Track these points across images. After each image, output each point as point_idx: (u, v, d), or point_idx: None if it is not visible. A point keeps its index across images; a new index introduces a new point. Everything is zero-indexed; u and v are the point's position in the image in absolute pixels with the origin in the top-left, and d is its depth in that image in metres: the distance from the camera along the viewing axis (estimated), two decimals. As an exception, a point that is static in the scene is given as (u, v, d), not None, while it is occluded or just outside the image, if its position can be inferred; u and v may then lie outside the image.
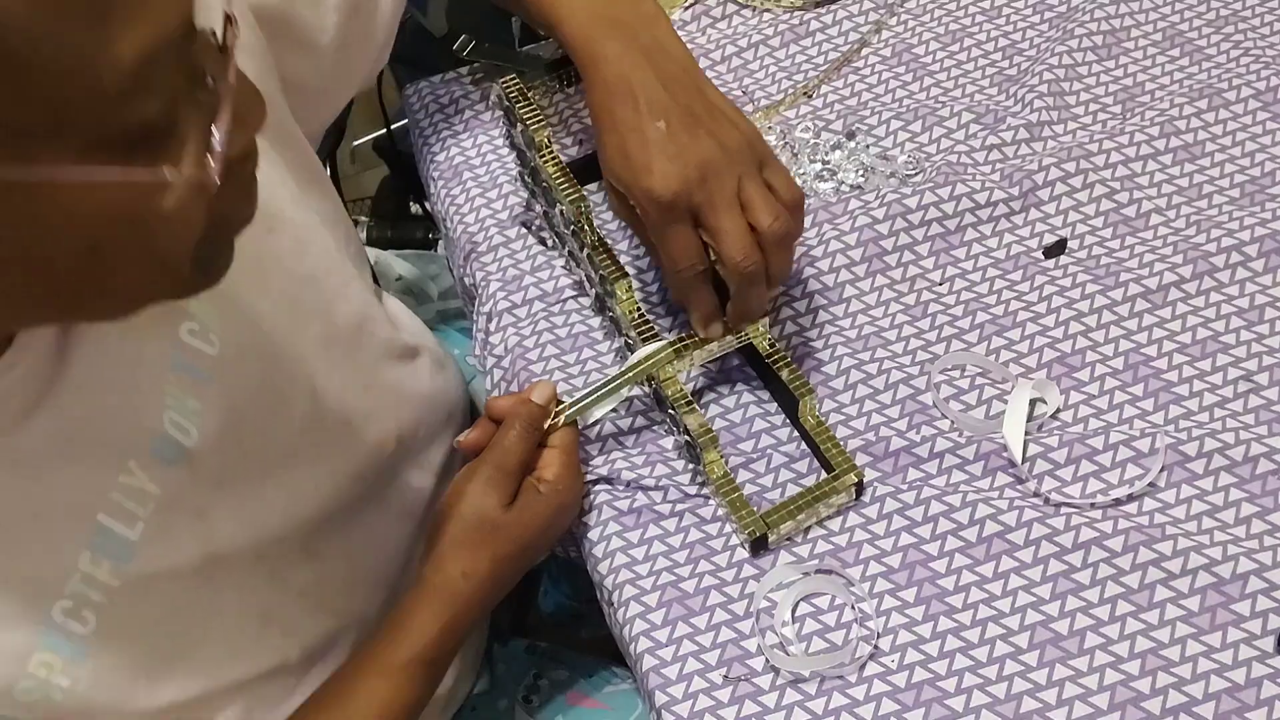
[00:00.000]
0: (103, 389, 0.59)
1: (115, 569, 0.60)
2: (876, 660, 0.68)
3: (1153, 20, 0.95)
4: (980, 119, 0.90)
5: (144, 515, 0.62)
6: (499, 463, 0.72)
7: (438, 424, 0.86)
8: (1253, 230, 0.81)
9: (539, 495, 0.72)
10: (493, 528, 0.70)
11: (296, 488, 0.72)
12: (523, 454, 0.72)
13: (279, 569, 0.71)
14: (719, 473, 0.74)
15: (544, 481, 0.73)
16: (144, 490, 0.62)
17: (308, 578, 0.73)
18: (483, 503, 0.71)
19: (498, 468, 0.71)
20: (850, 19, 0.99)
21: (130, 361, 0.61)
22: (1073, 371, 0.77)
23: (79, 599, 0.59)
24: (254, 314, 0.69)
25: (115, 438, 0.61)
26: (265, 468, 0.69)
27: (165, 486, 0.63)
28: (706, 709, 0.67)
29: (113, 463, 0.60)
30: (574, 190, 0.79)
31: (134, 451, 0.61)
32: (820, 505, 0.72)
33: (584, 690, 0.89)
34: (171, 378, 0.63)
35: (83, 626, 0.59)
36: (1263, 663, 0.65)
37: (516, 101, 0.82)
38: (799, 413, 0.75)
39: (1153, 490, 0.72)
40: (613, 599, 0.73)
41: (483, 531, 0.70)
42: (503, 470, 0.71)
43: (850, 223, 0.85)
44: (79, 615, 0.59)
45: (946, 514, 0.72)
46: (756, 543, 0.72)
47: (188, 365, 0.64)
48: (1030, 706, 0.65)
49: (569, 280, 0.87)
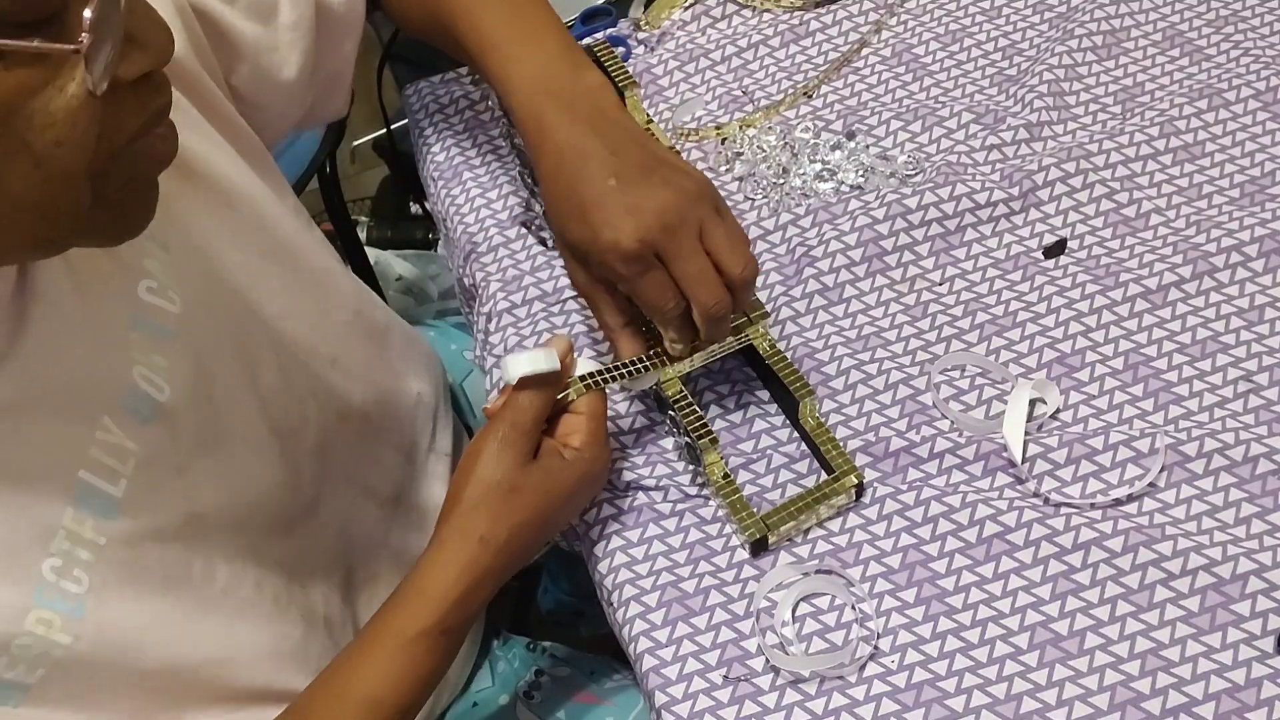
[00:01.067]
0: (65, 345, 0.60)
1: (99, 526, 0.61)
2: (876, 660, 0.68)
3: (1153, 20, 0.95)
4: (980, 119, 0.90)
5: (126, 472, 0.62)
6: (513, 420, 0.69)
7: (407, 404, 0.87)
8: (1253, 230, 0.81)
9: (563, 461, 0.70)
10: (511, 489, 0.68)
11: (267, 455, 0.72)
12: (538, 410, 0.70)
13: (257, 541, 0.71)
14: (719, 474, 0.74)
15: (569, 448, 0.71)
16: (123, 447, 0.62)
17: (284, 551, 0.74)
18: (499, 462, 0.68)
19: (512, 425, 0.69)
20: (850, 19, 0.99)
21: (89, 319, 0.62)
22: (1072, 371, 0.77)
23: (67, 557, 0.59)
24: (217, 276, 0.70)
25: (85, 393, 0.61)
26: (239, 430, 0.70)
27: (144, 444, 0.63)
28: (706, 709, 0.67)
29: (87, 418, 0.61)
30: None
31: (106, 407, 0.62)
32: (820, 506, 0.72)
33: (585, 687, 0.89)
34: (134, 336, 0.64)
35: (77, 586, 0.60)
36: (1263, 663, 0.65)
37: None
38: (799, 414, 0.75)
39: (1153, 490, 0.72)
40: (613, 599, 0.73)
41: (501, 493, 0.68)
42: (517, 428, 0.69)
43: (850, 223, 0.85)
44: (70, 574, 0.59)
45: (946, 514, 0.72)
46: (756, 544, 0.72)
47: (149, 323, 0.65)
48: (1030, 707, 0.65)
49: (569, 280, 0.87)
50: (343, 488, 0.81)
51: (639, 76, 0.98)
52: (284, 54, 0.79)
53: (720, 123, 0.94)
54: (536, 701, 0.89)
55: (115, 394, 0.62)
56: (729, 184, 0.91)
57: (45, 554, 0.59)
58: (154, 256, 0.66)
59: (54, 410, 0.59)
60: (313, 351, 0.78)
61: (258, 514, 0.72)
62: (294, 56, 0.79)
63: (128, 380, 0.63)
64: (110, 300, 0.63)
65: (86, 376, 0.61)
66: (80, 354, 0.61)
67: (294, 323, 0.76)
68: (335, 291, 0.82)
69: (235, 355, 0.71)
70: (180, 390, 0.66)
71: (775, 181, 0.89)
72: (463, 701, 0.90)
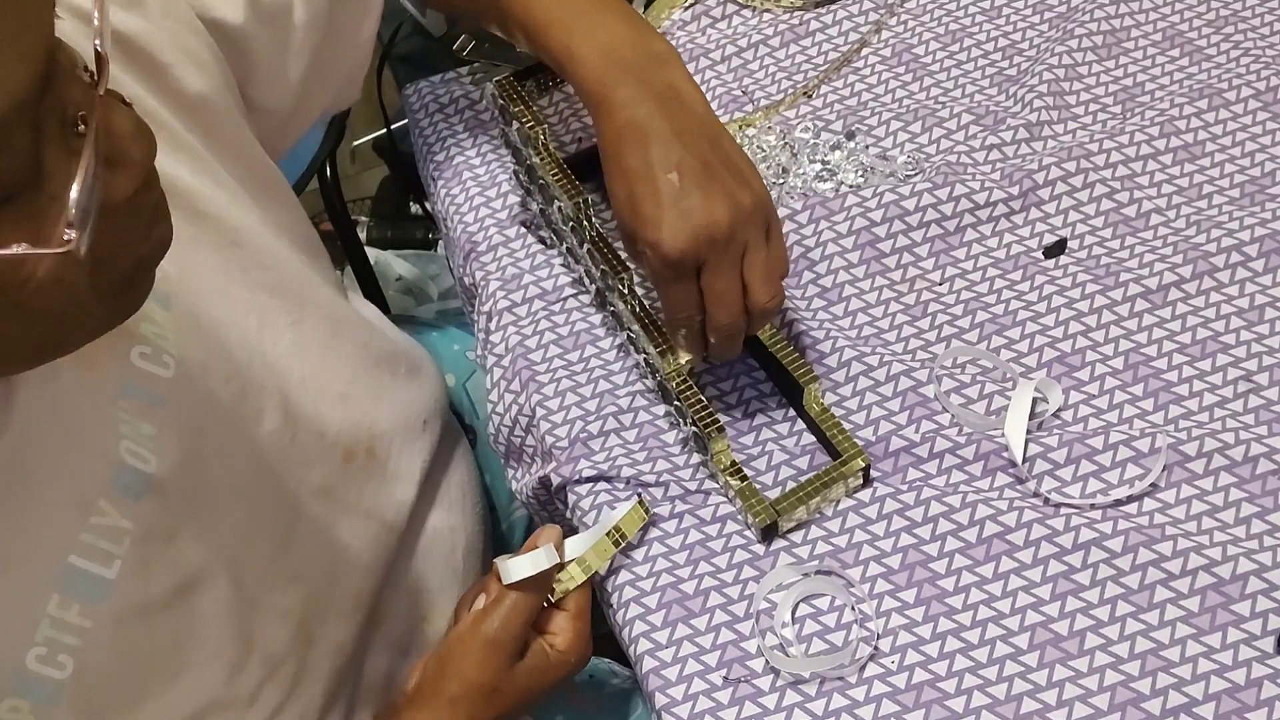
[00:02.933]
0: (52, 425, 0.57)
1: (85, 610, 0.58)
2: (877, 661, 0.68)
3: (1153, 20, 0.95)
4: (980, 119, 0.90)
5: (120, 552, 0.59)
6: (505, 621, 0.70)
7: (415, 431, 0.84)
8: (1253, 230, 0.81)
9: (548, 660, 0.72)
10: (493, 690, 0.70)
11: (265, 504, 0.70)
12: (530, 612, 0.71)
13: (259, 593, 0.69)
14: (727, 462, 0.74)
15: (554, 649, 0.72)
16: (118, 527, 0.59)
17: (290, 600, 0.71)
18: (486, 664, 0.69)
19: (504, 627, 0.70)
20: (850, 19, 0.99)
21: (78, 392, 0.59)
22: (1072, 371, 0.77)
23: (52, 644, 0.57)
24: (215, 329, 0.67)
25: (74, 475, 0.58)
26: (233, 487, 0.67)
27: (138, 520, 0.60)
28: (706, 710, 0.67)
29: (81, 503, 0.58)
30: (572, 187, 0.79)
31: (99, 489, 0.59)
32: (829, 490, 0.72)
33: (584, 690, 0.89)
34: (122, 404, 0.60)
35: (60, 672, 0.57)
36: (1263, 663, 0.65)
37: (511, 99, 0.82)
38: (804, 400, 0.75)
39: (1153, 490, 0.72)
40: (612, 599, 0.73)
41: (484, 694, 0.70)
42: (508, 630, 0.70)
43: (850, 223, 0.85)
44: (55, 661, 0.57)
45: (946, 514, 0.72)
46: (767, 530, 0.72)
47: (139, 390, 0.61)
48: (1030, 707, 0.65)
49: (569, 278, 0.87)
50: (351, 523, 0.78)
51: (639, 76, 0.98)
52: (295, 54, 0.77)
53: (720, 123, 0.94)
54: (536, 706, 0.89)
55: (106, 473, 0.59)
56: (729, 184, 0.91)
57: (30, 645, 0.56)
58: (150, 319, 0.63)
59: (41, 496, 0.57)
60: (322, 389, 0.75)
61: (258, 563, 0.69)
62: (304, 56, 0.77)
63: (116, 457, 0.60)
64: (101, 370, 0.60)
65: (75, 458, 0.58)
66: (68, 434, 0.58)
67: (301, 360, 0.74)
68: (344, 324, 0.80)
69: (235, 403, 0.68)
70: (169, 458, 0.62)
71: (775, 181, 0.89)
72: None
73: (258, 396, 0.69)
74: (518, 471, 0.86)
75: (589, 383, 0.82)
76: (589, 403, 0.81)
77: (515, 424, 0.84)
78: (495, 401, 0.85)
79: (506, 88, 0.83)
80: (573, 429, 0.80)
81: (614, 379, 0.82)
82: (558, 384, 0.82)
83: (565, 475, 0.78)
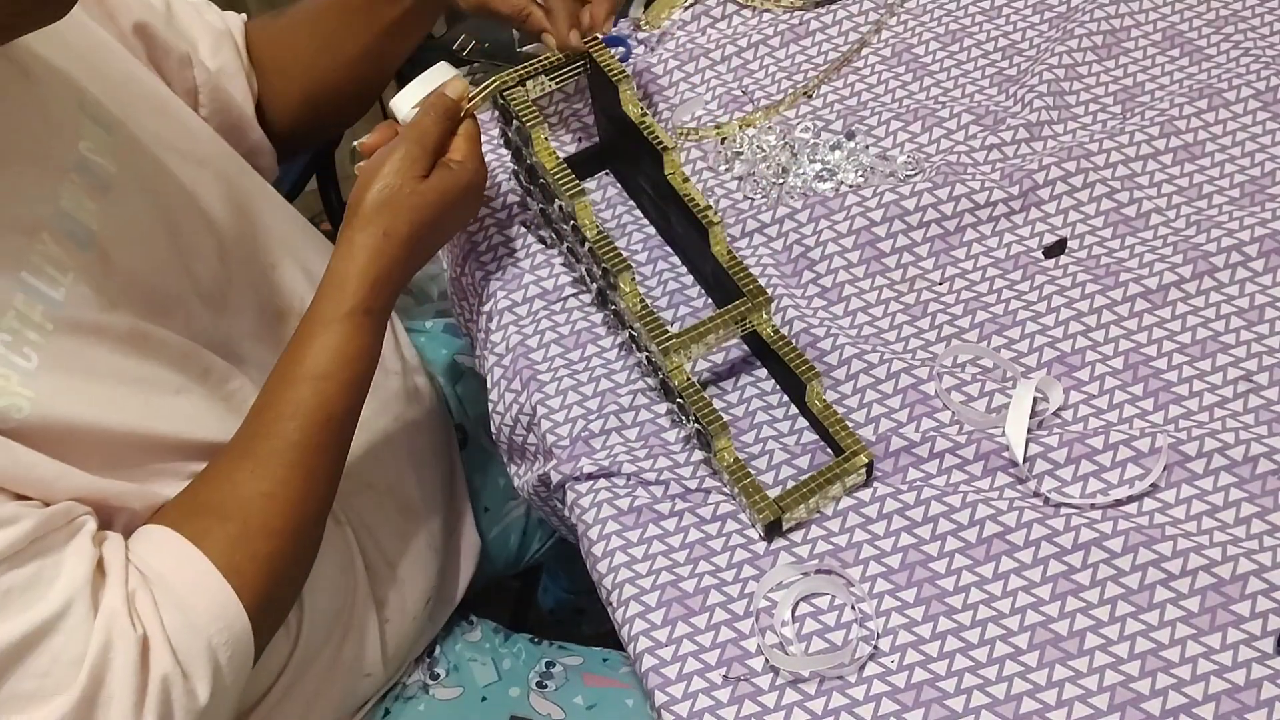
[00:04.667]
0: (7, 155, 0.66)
1: (47, 313, 0.65)
2: (876, 660, 0.68)
3: (1153, 20, 0.95)
4: (980, 119, 0.90)
5: (65, 283, 0.67)
6: (418, 139, 0.78)
7: None
8: (1253, 230, 0.81)
9: (451, 172, 0.79)
10: (410, 193, 0.77)
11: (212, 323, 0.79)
12: (439, 136, 0.79)
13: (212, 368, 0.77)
14: (730, 459, 0.74)
15: (454, 161, 0.80)
16: (62, 260, 0.67)
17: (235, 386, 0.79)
18: (402, 171, 0.77)
19: (416, 143, 0.78)
20: (850, 19, 0.99)
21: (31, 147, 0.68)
22: (1073, 371, 0.77)
23: (16, 335, 0.63)
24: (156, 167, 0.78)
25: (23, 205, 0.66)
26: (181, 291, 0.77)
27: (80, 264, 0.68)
28: (706, 709, 0.67)
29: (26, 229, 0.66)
30: (573, 185, 0.79)
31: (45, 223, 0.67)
32: (832, 487, 0.72)
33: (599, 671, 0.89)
34: (72, 177, 0.69)
35: (27, 362, 0.63)
36: (1263, 664, 0.65)
37: (511, 98, 0.82)
38: (806, 397, 0.75)
39: (1153, 490, 0.72)
40: (612, 599, 0.73)
41: (401, 196, 0.76)
42: (421, 147, 0.78)
43: (850, 223, 0.85)
44: (20, 350, 0.63)
45: (947, 514, 0.72)
46: (770, 527, 0.72)
47: (86, 169, 0.71)
48: (1030, 707, 0.65)
49: (569, 278, 0.87)
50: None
51: (639, 76, 0.98)
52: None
53: (720, 122, 0.94)
54: (552, 690, 0.89)
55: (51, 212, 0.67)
56: (729, 183, 0.91)
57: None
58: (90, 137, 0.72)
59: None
60: (253, 255, 0.86)
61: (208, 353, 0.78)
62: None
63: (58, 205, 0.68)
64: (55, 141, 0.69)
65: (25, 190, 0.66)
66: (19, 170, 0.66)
67: (235, 228, 0.84)
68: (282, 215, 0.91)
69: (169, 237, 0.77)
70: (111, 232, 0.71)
71: (775, 181, 0.89)
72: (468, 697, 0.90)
73: (192, 238, 0.79)
74: (519, 469, 0.86)
75: (590, 381, 0.82)
76: (590, 401, 0.81)
77: (516, 423, 0.84)
78: (496, 400, 0.85)
79: (506, 87, 0.83)
80: (574, 427, 0.80)
81: (615, 377, 0.82)
82: (559, 383, 0.82)
83: (565, 473, 0.78)
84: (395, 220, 0.76)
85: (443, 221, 0.79)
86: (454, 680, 0.92)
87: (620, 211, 0.91)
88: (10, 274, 0.64)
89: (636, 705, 0.87)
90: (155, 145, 0.79)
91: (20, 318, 0.63)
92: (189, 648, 0.65)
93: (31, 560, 0.61)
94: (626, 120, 0.82)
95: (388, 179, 0.76)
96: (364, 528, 0.88)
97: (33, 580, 0.61)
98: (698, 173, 0.92)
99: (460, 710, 0.90)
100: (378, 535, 0.89)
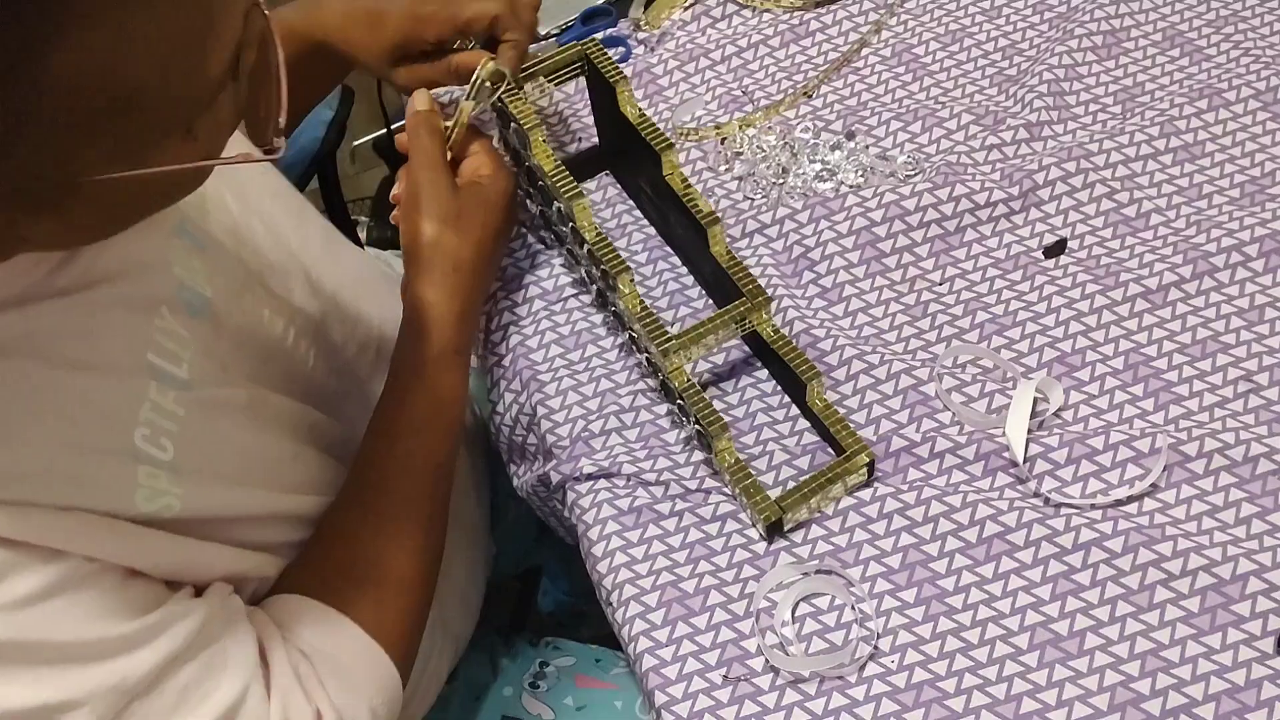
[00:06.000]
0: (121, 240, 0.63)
1: (179, 398, 0.64)
2: (876, 660, 0.68)
3: (1153, 20, 0.95)
4: (980, 119, 0.90)
5: (186, 358, 0.65)
6: (428, 164, 0.78)
7: None
8: (1253, 230, 0.81)
9: (482, 187, 0.79)
10: (458, 215, 0.76)
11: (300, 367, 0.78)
12: (438, 148, 0.79)
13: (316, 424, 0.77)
14: (730, 460, 0.74)
15: (483, 175, 0.80)
16: (179, 334, 0.66)
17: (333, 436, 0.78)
18: (437, 199, 0.76)
19: (428, 167, 0.78)
20: (850, 19, 0.99)
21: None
22: (1073, 371, 0.77)
23: (154, 427, 0.62)
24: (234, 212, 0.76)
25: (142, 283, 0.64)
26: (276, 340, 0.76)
27: (195, 334, 0.67)
28: (706, 709, 0.67)
29: (147, 307, 0.64)
30: (571, 187, 0.79)
31: (163, 298, 0.65)
32: (833, 487, 0.72)
33: (591, 673, 0.89)
34: (176, 242, 0.68)
35: (163, 453, 0.62)
36: (1263, 664, 0.64)
37: (510, 100, 0.82)
38: (807, 396, 0.75)
39: (1153, 490, 0.71)
40: (612, 599, 0.73)
41: (452, 221, 0.76)
42: (434, 167, 0.78)
43: (850, 223, 0.85)
44: (158, 443, 0.62)
45: (947, 514, 0.72)
46: (772, 527, 0.72)
47: (187, 232, 0.69)
48: (1030, 707, 0.65)
49: (569, 278, 0.87)
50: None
51: (639, 76, 0.98)
52: None
53: (720, 123, 0.94)
54: (543, 690, 0.89)
55: (171, 286, 0.66)
56: (729, 183, 0.91)
57: (135, 424, 0.61)
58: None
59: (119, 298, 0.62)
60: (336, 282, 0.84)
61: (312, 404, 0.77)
62: None
63: (175, 276, 0.67)
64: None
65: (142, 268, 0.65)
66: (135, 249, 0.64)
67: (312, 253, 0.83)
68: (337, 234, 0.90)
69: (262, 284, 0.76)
70: (219, 295, 0.70)
71: (775, 181, 0.89)
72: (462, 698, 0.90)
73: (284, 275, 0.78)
74: (519, 469, 0.86)
75: (590, 382, 0.82)
76: (590, 401, 0.81)
77: (516, 423, 0.84)
78: (496, 400, 0.86)
79: (505, 90, 0.83)
80: (574, 427, 0.80)
81: (615, 378, 0.82)
82: (559, 383, 0.82)
83: (565, 473, 0.78)
84: (460, 249, 0.76)
85: (498, 229, 0.79)
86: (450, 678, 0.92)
87: (620, 212, 0.91)
88: (140, 359, 0.63)
89: (625, 707, 0.87)
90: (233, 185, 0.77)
91: (155, 408, 0.62)
92: (355, 714, 0.68)
93: (201, 651, 0.62)
94: (625, 121, 0.82)
95: (430, 214, 0.76)
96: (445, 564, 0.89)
97: (205, 672, 0.62)
98: (697, 173, 0.92)
99: (455, 709, 0.90)
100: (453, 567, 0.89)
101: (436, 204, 0.76)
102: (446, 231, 0.76)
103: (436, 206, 0.76)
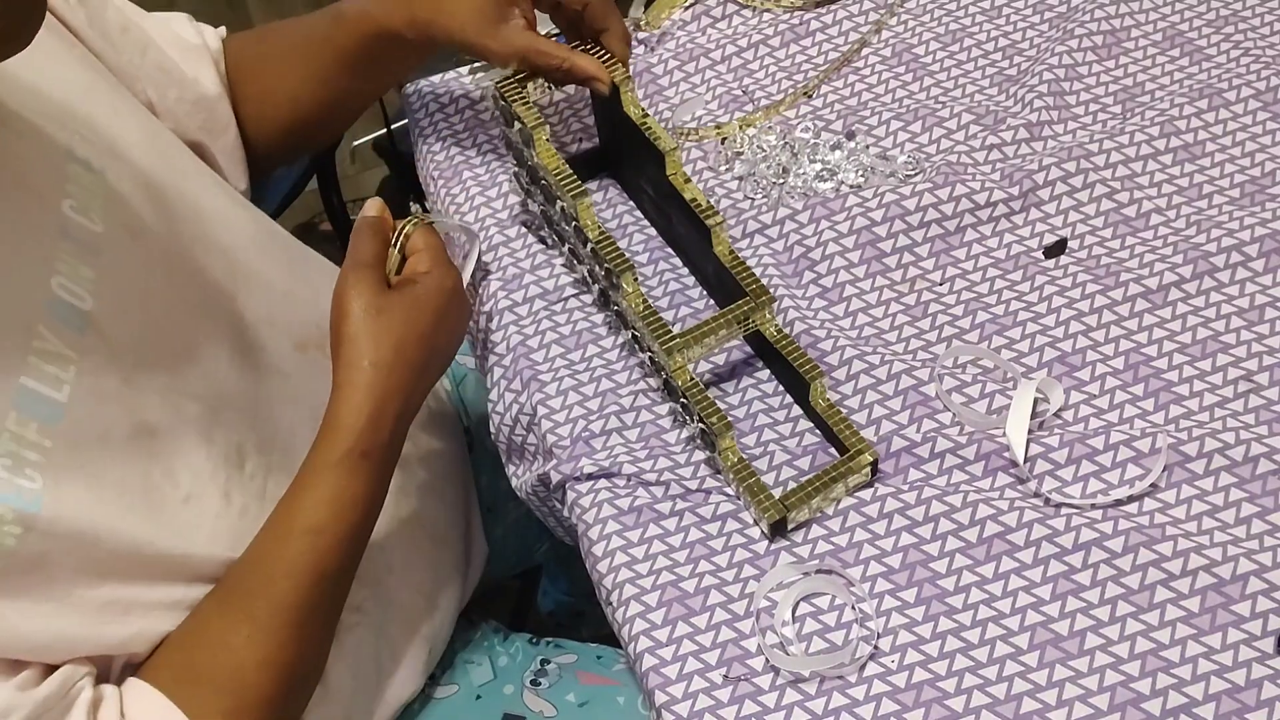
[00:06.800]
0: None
1: (43, 429, 0.61)
2: (876, 660, 0.68)
3: (1153, 20, 0.95)
4: (980, 119, 0.90)
5: (69, 379, 0.63)
6: (355, 261, 0.75)
7: None
8: (1253, 230, 0.81)
9: (416, 284, 0.75)
10: (378, 311, 0.72)
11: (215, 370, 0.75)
12: (376, 247, 0.76)
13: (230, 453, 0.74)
14: (734, 459, 0.74)
15: (419, 274, 0.76)
16: (62, 355, 0.63)
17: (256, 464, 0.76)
18: (358, 295, 0.73)
19: (355, 264, 0.74)
20: (850, 19, 0.99)
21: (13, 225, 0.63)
22: (1073, 371, 0.77)
23: (15, 458, 0.60)
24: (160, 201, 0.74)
25: (13, 301, 0.62)
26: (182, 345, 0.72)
27: (82, 353, 0.64)
28: (706, 709, 0.67)
29: (21, 327, 0.62)
30: (575, 186, 0.79)
31: (36, 315, 0.62)
32: (837, 486, 0.72)
33: (593, 669, 0.89)
34: (64, 245, 0.65)
35: (32, 483, 0.60)
36: (1263, 664, 0.65)
37: (513, 99, 0.82)
38: (810, 396, 0.75)
39: (1153, 490, 0.72)
40: (612, 599, 0.73)
41: (370, 317, 0.72)
42: (361, 263, 0.74)
43: (850, 223, 0.85)
44: (23, 473, 0.60)
45: (947, 514, 0.72)
46: (775, 526, 0.72)
47: (75, 236, 0.66)
48: (1030, 707, 0.65)
49: (569, 278, 0.87)
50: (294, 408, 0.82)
51: (639, 76, 0.98)
52: None
53: (720, 122, 0.94)
54: (545, 687, 0.89)
55: (40, 303, 0.63)
56: (729, 183, 0.91)
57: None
58: (76, 180, 0.68)
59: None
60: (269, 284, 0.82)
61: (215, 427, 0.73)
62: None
63: (47, 291, 0.64)
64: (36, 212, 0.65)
65: (10, 285, 0.62)
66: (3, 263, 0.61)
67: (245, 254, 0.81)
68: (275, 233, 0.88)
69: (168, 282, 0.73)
70: (108, 302, 0.66)
71: (775, 181, 0.89)
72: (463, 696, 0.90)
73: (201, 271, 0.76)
74: (518, 469, 0.86)
75: (590, 381, 0.82)
76: (591, 401, 0.81)
77: (516, 422, 0.84)
78: (496, 400, 0.85)
79: (507, 89, 0.83)
80: (574, 427, 0.80)
81: (615, 378, 0.82)
82: (559, 383, 0.82)
83: (565, 473, 0.78)
84: (376, 348, 0.71)
85: (429, 335, 0.74)
86: (450, 679, 0.92)
87: (621, 212, 0.91)
88: (7, 385, 0.60)
89: (628, 703, 0.87)
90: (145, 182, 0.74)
91: (15, 439, 0.60)
92: None
93: None
94: (627, 121, 0.82)
95: (350, 309, 0.72)
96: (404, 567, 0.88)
97: None
98: (698, 173, 0.92)
99: (455, 708, 0.90)
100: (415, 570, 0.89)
101: (359, 301, 0.72)
102: (365, 329, 0.72)
103: (359, 303, 0.72)
